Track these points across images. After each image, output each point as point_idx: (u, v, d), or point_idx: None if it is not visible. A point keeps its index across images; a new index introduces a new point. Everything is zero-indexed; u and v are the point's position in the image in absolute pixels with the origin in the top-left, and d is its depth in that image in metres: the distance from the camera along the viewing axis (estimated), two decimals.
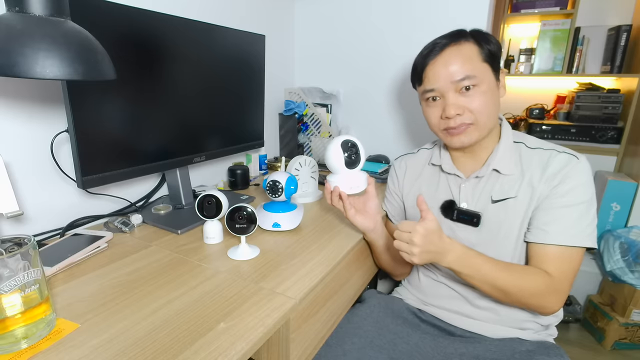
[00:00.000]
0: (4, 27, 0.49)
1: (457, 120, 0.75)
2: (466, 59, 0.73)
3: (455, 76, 0.73)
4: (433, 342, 0.79)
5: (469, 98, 0.73)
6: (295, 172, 1.06)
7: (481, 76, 0.73)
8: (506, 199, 0.76)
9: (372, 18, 1.41)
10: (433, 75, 0.75)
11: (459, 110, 0.74)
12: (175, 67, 0.88)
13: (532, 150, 0.77)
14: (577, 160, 0.73)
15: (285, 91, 1.55)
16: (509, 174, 0.76)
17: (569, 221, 0.70)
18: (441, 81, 0.74)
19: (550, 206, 0.72)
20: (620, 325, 1.49)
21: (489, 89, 0.74)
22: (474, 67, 0.72)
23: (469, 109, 0.74)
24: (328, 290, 0.73)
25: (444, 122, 0.77)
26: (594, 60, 1.79)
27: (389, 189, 0.99)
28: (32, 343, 0.50)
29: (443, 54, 0.74)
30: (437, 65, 0.75)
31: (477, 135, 0.76)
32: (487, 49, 0.74)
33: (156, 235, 0.86)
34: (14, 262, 0.47)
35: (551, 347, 0.75)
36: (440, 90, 0.75)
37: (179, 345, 0.50)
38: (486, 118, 0.74)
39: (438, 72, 0.75)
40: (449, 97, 0.74)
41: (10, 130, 0.76)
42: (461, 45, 0.74)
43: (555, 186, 0.72)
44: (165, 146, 0.91)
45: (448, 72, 0.73)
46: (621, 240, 1.51)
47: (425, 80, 0.77)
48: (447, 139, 0.79)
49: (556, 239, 0.70)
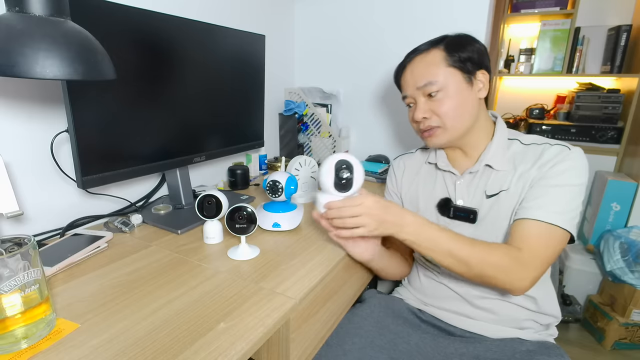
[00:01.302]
0: (4, 27, 0.49)
1: (425, 124, 0.80)
2: (429, 65, 0.78)
3: (418, 82, 0.78)
4: (433, 342, 0.79)
5: (437, 102, 0.78)
6: (295, 172, 1.06)
7: (445, 81, 0.76)
8: (499, 193, 0.77)
9: (372, 18, 1.41)
10: (404, 83, 0.83)
11: (426, 114, 0.79)
12: (175, 67, 0.88)
13: (526, 146, 0.78)
14: (569, 150, 0.73)
15: (285, 91, 1.55)
16: (501, 170, 0.78)
17: (551, 199, 0.70)
18: (409, 88, 0.81)
19: (539, 185, 0.72)
20: (620, 325, 1.49)
21: (456, 93, 0.77)
22: (437, 73, 0.76)
23: (437, 112, 0.78)
24: (328, 290, 0.73)
25: (417, 125, 0.83)
26: (594, 60, 1.79)
27: (387, 188, 1.00)
28: (32, 343, 0.49)
29: (411, 63, 0.81)
30: (406, 74, 0.82)
31: (447, 137, 0.80)
32: (456, 56, 0.76)
33: (156, 235, 0.86)
34: (14, 262, 0.47)
35: (551, 347, 0.75)
36: (411, 96, 0.82)
37: (179, 345, 0.50)
38: (453, 120, 0.78)
39: (407, 79, 0.82)
40: (419, 102, 0.80)
41: (10, 130, 0.76)
42: (428, 54, 0.79)
43: (547, 169, 0.72)
44: (165, 146, 0.91)
45: (413, 79, 0.80)
46: (621, 240, 1.51)
47: (402, 87, 0.85)
48: (423, 140, 0.85)
49: (534, 214, 0.70)
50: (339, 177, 0.71)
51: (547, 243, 0.69)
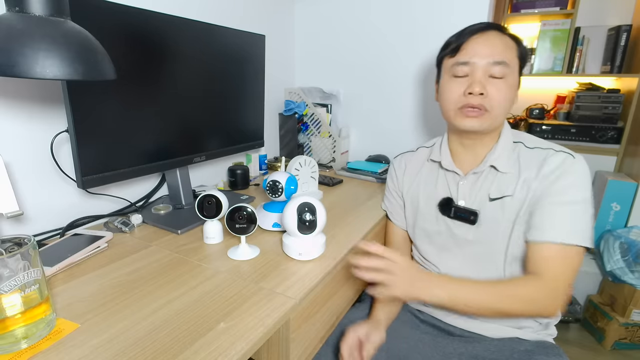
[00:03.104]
0: (4, 27, 0.49)
1: (478, 100, 0.74)
2: (507, 47, 0.74)
3: (495, 57, 0.73)
4: (432, 342, 0.79)
5: (495, 86, 0.74)
6: (295, 172, 1.06)
7: (512, 69, 0.74)
8: (503, 197, 0.76)
9: (372, 18, 1.41)
10: (472, 49, 0.74)
11: (484, 90, 0.73)
12: (175, 67, 0.88)
13: (530, 150, 0.77)
14: (574, 159, 0.73)
15: (285, 91, 1.55)
16: (506, 172, 0.77)
17: (565, 219, 0.70)
18: (479, 57, 0.73)
19: (546, 203, 0.71)
20: (620, 325, 1.49)
21: (513, 85, 0.76)
22: (511, 58, 0.74)
23: (492, 95, 0.74)
24: (328, 290, 0.73)
25: (464, 99, 0.75)
26: (594, 60, 1.79)
27: (388, 187, 0.99)
28: (32, 343, 0.50)
29: (489, 34, 0.75)
30: (480, 41, 0.74)
31: (489, 124, 0.76)
32: (521, 48, 0.76)
33: (156, 235, 0.86)
34: (14, 262, 0.47)
35: (550, 346, 0.75)
36: (474, 65, 0.74)
37: (179, 345, 0.50)
38: (501, 110, 0.75)
39: (479, 47, 0.74)
40: (477, 76, 0.74)
41: (10, 130, 0.76)
42: (504, 35, 0.75)
43: (550, 183, 0.72)
44: (165, 146, 0.91)
45: (489, 50, 0.73)
46: (621, 240, 1.51)
47: (462, 52, 0.76)
48: (458, 119, 0.78)
49: (550, 236, 0.69)
50: (302, 219, 0.71)
51: (566, 263, 0.69)
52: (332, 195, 1.15)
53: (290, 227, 0.72)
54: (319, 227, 0.73)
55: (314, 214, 0.72)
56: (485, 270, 0.79)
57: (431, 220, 0.86)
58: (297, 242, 0.74)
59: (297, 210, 0.71)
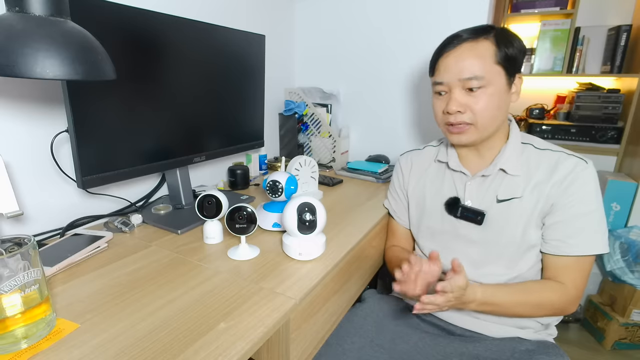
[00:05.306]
0: (4, 27, 0.49)
1: (457, 118, 0.75)
2: (478, 58, 0.72)
3: (463, 74, 0.72)
4: (433, 342, 0.79)
5: (474, 98, 0.73)
6: (295, 172, 1.06)
7: (490, 78, 0.72)
8: (511, 199, 0.76)
9: (372, 18, 1.41)
10: (444, 69, 0.76)
11: (461, 107, 0.74)
12: (175, 67, 0.88)
13: (540, 151, 0.77)
14: (586, 164, 0.73)
15: (285, 91, 1.55)
16: (515, 175, 0.76)
17: (584, 231, 0.72)
18: (449, 76, 0.75)
19: (566, 217, 0.72)
20: (620, 325, 1.49)
21: (496, 92, 0.73)
22: (485, 68, 0.72)
23: (472, 109, 0.73)
24: (328, 290, 0.73)
25: (446, 117, 0.77)
26: (594, 60, 1.79)
27: (393, 185, 0.99)
28: (32, 343, 0.49)
29: (457, 49, 0.74)
30: (449, 60, 0.75)
31: (476, 137, 0.76)
32: (504, 52, 0.72)
33: (156, 235, 0.86)
34: (14, 262, 0.47)
35: (551, 346, 0.75)
36: (447, 84, 0.76)
37: (179, 345, 0.50)
38: (487, 121, 0.74)
39: (449, 66, 0.75)
40: (454, 93, 0.74)
41: (10, 130, 0.76)
42: (478, 43, 0.73)
43: (564, 189, 0.72)
44: (165, 146, 0.91)
45: (458, 68, 0.73)
46: (621, 240, 1.51)
47: (437, 72, 0.78)
48: (447, 135, 0.81)
49: (576, 250, 0.72)
50: (302, 219, 0.71)
51: (585, 269, 0.74)
52: (332, 195, 1.15)
53: (290, 227, 0.72)
54: (319, 227, 0.73)
55: (314, 214, 0.72)
56: (485, 270, 0.79)
57: (436, 219, 0.86)
58: (297, 242, 0.74)
59: (297, 210, 0.71)
